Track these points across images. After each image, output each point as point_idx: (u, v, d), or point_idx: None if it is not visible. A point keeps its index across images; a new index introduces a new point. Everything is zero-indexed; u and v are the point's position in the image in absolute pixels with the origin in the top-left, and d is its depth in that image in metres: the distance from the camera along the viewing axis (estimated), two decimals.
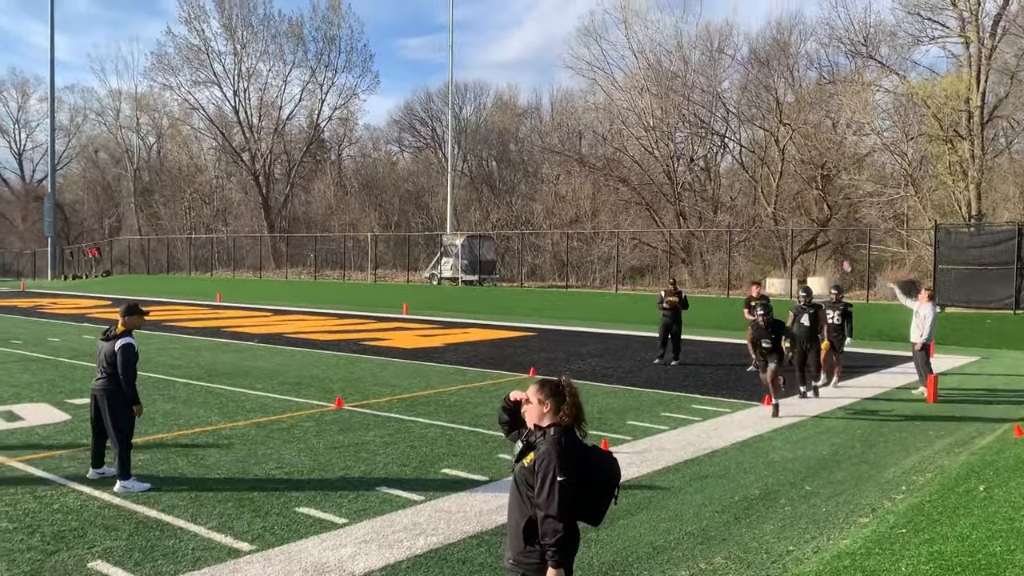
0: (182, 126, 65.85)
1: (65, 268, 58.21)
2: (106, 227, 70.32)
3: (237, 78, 58.93)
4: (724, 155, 47.79)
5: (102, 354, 7.36)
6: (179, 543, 5.88)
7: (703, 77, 43.91)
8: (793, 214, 39.77)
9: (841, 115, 37.53)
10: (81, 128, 75.29)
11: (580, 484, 3.36)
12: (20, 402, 11.29)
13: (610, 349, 18.99)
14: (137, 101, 67.59)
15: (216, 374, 14.18)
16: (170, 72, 58.48)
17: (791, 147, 39.04)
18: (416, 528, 6.26)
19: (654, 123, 43.75)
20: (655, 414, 10.87)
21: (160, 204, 65.42)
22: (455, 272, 37.46)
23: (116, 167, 71.86)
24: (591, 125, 50.24)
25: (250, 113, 60.39)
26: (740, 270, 35.49)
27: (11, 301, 35.42)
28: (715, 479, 7.79)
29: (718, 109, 43.74)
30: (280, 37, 59.18)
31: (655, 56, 45.20)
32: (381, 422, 10.21)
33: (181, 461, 8.20)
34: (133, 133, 69.66)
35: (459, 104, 62.88)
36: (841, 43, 37.46)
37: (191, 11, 56.58)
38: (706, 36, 44.96)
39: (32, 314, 27.87)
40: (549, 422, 3.48)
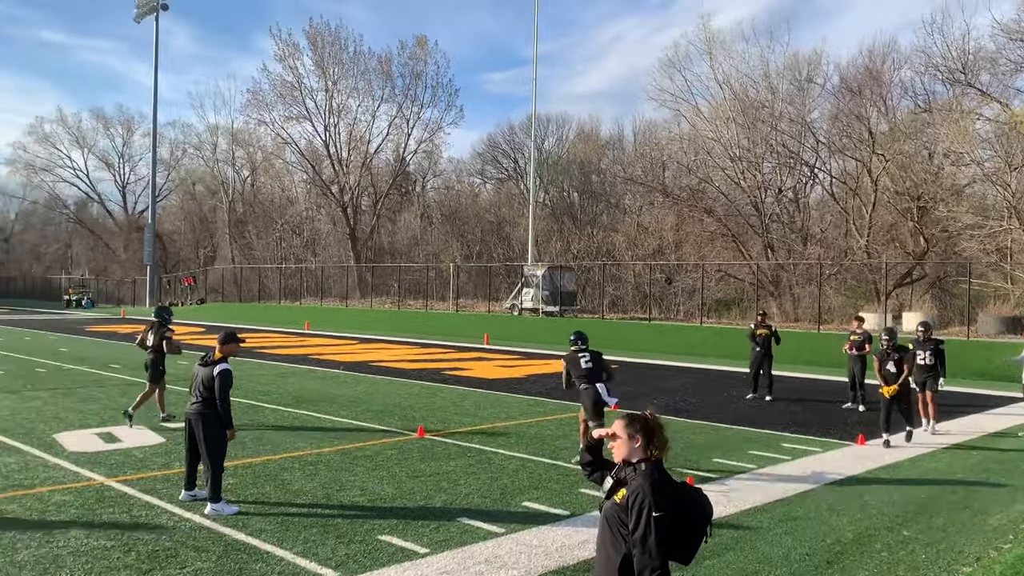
0: (275, 160, 68.30)
1: (162, 296, 60.82)
2: (201, 257, 73.27)
3: (328, 113, 60.89)
4: (814, 186, 46.59)
5: (199, 379, 7.61)
6: (266, 567, 5.98)
7: (791, 107, 43.07)
8: (887, 247, 38.38)
9: (938, 145, 36.14)
10: (180, 162, 79.09)
11: (673, 521, 3.27)
12: (119, 425, 11.77)
13: (694, 383, 18.61)
14: (233, 136, 70.56)
15: (303, 401, 14.50)
16: (264, 108, 60.87)
17: (885, 178, 37.78)
18: (497, 561, 6.20)
19: (740, 153, 43.07)
20: (742, 452, 10.56)
21: (253, 235, 67.82)
22: (536, 303, 37.47)
23: (212, 199, 74.97)
24: (675, 156, 49.80)
25: (339, 147, 62.24)
26: (831, 304, 34.38)
27: (112, 327, 37.16)
28: (805, 521, 7.49)
29: (807, 139, 42.76)
30: (369, 73, 60.95)
31: (741, 86, 44.63)
32: (462, 452, 10.23)
33: (268, 486, 8.37)
34: (229, 166, 72.68)
35: (541, 136, 63.41)
36: (938, 71, 36.20)
37: (286, 49, 58.89)
38: (794, 65, 44.16)
39: (131, 340, 29.12)
40: (639, 457, 3.41)
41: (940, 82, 37.07)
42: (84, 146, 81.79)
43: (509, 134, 66.91)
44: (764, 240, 42.34)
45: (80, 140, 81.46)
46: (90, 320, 43.74)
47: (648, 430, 3.44)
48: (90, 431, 11.24)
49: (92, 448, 10.10)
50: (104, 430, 11.28)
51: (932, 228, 36.45)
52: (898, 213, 38.23)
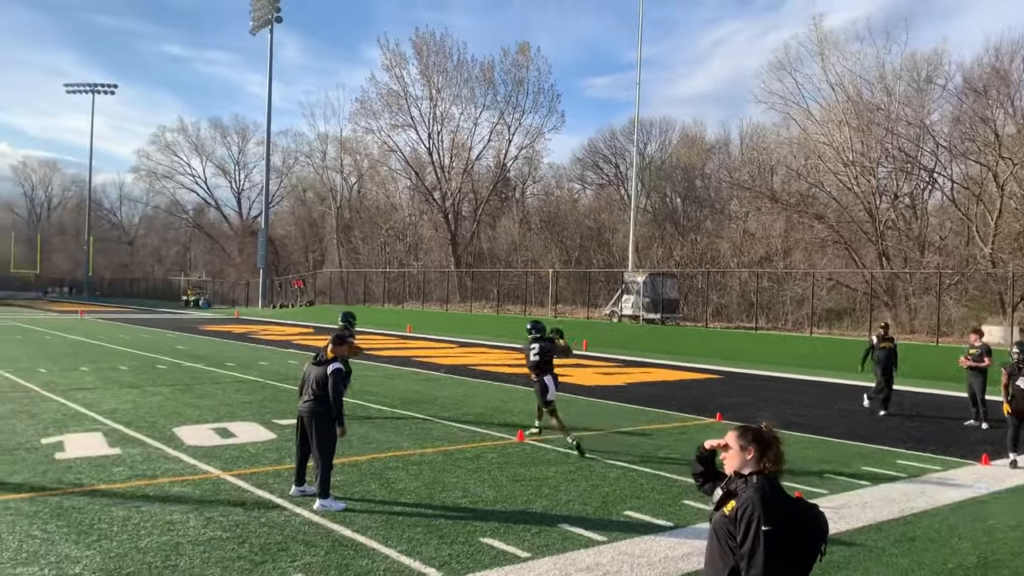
0: (381, 167, 70.13)
1: (274, 297, 63.29)
2: (310, 260, 75.89)
3: (432, 121, 62.09)
4: (933, 191, 44.29)
5: (311, 377, 7.86)
6: (372, 564, 6.11)
7: (909, 109, 41.11)
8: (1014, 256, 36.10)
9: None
10: (292, 169, 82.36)
11: (785, 536, 3.16)
12: (233, 420, 12.28)
13: (804, 396, 17.97)
14: (341, 144, 72.87)
15: (407, 402, 14.78)
16: (372, 116, 62.58)
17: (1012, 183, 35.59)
18: (599, 569, 6.14)
19: (854, 158, 41.41)
20: (855, 468, 10.11)
21: (359, 239, 69.76)
22: (636, 310, 37.05)
23: (321, 205, 77.60)
24: (784, 160, 48.33)
25: (442, 154, 63.36)
26: (951, 315, 32.59)
27: (227, 327, 38.91)
28: (924, 542, 7.10)
29: (926, 143, 40.70)
30: (472, 81, 61.84)
31: (855, 88, 42.90)
32: (562, 458, 10.19)
33: (374, 484, 8.55)
34: (337, 173, 75.09)
35: (644, 140, 62.77)
36: None
37: (393, 59, 60.41)
38: (912, 66, 42.13)
39: (244, 339, 30.43)
40: (752, 469, 3.31)
41: None
42: (203, 154, 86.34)
43: (610, 139, 66.58)
44: (879, 248, 40.53)
45: (199, 148, 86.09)
46: (207, 320, 45.96)
47: (762, 442, 3.34)
48: (207, 426, 11.77)
49: (209, 442, 10.58)
50: (220, 425, 11.80)
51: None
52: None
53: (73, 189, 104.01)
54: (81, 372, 18.25)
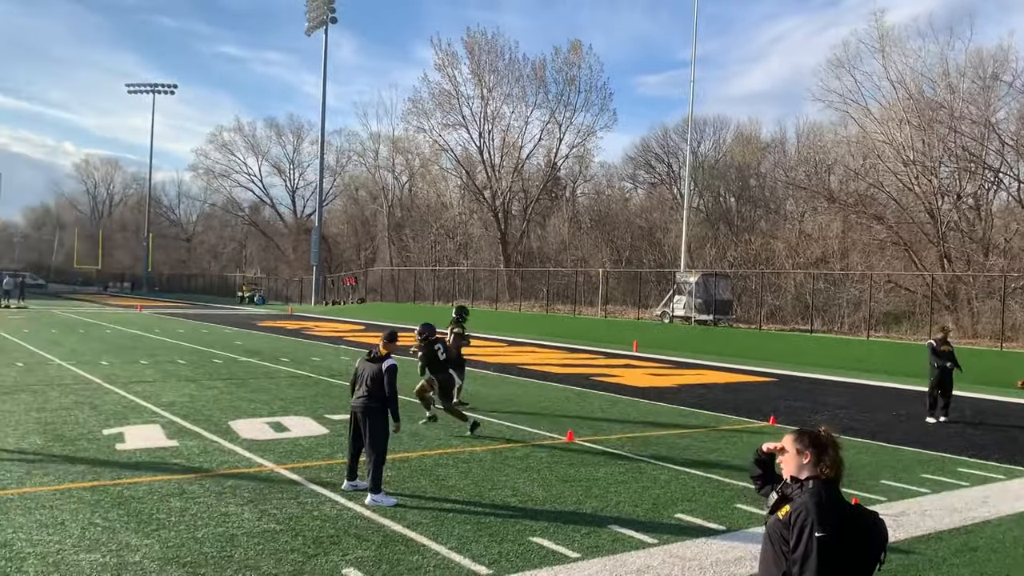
0: (432, 166, 70.62)
1: (326, 294, 64.20)
2: (362, 258, 76.80)
3: (483, 120, 62.28)
4: (998, 192, 42.91)
5: (366, 374, 7.93)
6: (422, 559, 6.14)
7: (973, 107, 39.89)
8: None
9: None
10: (345, 168, 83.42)
11: (841, 543, 3.09)
12: (287, 415, 12.48)
13: (860, 400, 17.57)
14: (393, 143, 73.58)
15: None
16: (423, 116, 63.02)
17: None
18: (649, 571, 6.08)
19: (914, 157, 40.33)
20: (914, 475, 9.85)
21: (410, 238, 70.36)
22: (688, 311, 36.64)
23: (373, 203, 78.47)
24: (842, 159, 47.29)
25: (493, 153, 63.50)
26: (1016, 320, 31.55)
27: (281, 323, 39.59)
28: (987, 552, 6.88)
29: (991, 141, 39.42)
30: (523, 80, 61.83)
31: (916, 86, 41.79)
32: (612, 459, 10.12)
33: (424, 480, 8.61)
34: (389, 172, 75.84)
35: (697, 139, 62.07)
36: None
37: (445, 58, 60.74)
38: (977, 62, 40.85)
39: (298, 335, 30.92)
40: (808, 474, 3.24)
41: None
42: (258, 153, 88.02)
43: (663, 137, 65.97)
44: (940, 250, 39.41)
45: (255, 147, 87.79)
46: (261, 316, 46.84)
47: (819, 446, 3.27)
48: (261, 420, 11.98)
49: (263, 436, 10.76)
50: (274, 419, 12.00)
51: None
52: None
53: (134, 187, 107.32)
54: (141, 365, 18.74)
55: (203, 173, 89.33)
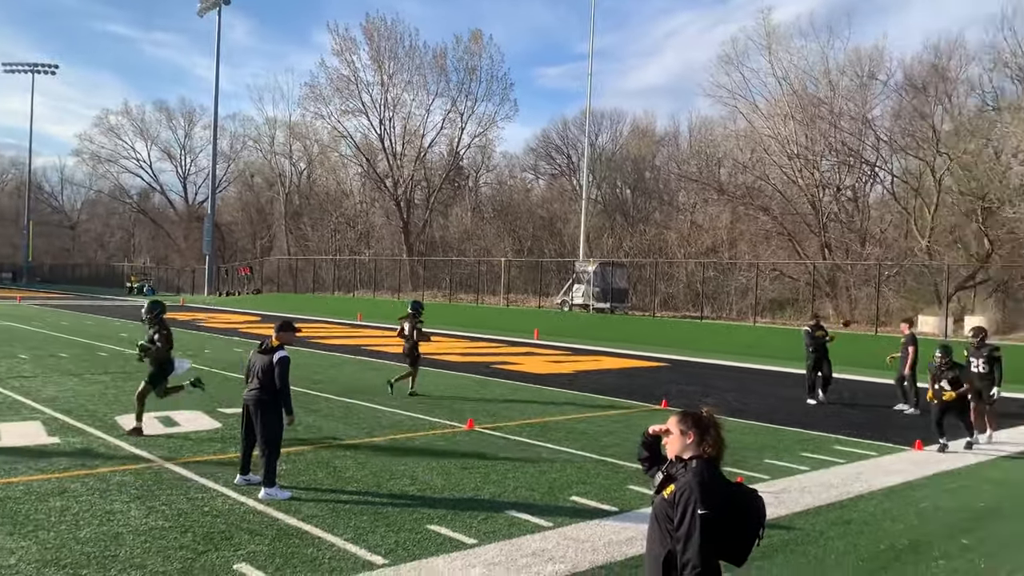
0: (331, 153, 69.30)
1: (220, 285, 62.20)
2: (258, 247, 74.76)
3: (383, 107, 61.52)
4: (874, 185, 45.48)
5: (257, 366, 7.76)
6: (317, 552, 6.09)
7: (852, 104, 42.09)
8: (950, 249, 37.29)
9: (1006, 144, 34.98)
10: (239, 154, 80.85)
11: (723, 520, 3.23)
12: (177, 409, 12.08)
13: (747, 383, 18.36)
14: (291, 129, 71.77)
15: (355, 390, 14.70)
16: (321, 102, 61.75)
17: (948, 177, 36.72)
18: (544, 554, 6.22)
19: (798, 151, 42.26)
20: (794, 454, 10.39)
21: (308, 227, 68.91)
22: (587, 299, 37.35)
23: (269, 191, 76.42)
24: (731, 153, 49.10)
25: (394, 141, 62.85)
26: (890, 306, 33.55)
27: (171, 314, 38.09)
28: (859, 525, 7.34)
29: (868, 137, 41.73)
30: (424, 68, 61.40)
31: (800, 83, 43.76)
32: (511, 446, 10.26)
33: (320, 473, 8.51)
34: (286, 159, 73.98)
35: (595, 132, 63.10)
36: (1007, 67, 35.06)
37: (343, 44, 59.66)
38: (855, 61, 43.11)
39: (190, 327, 29.89)
40: (691, 454, 3.38)
41: (1009, 79, 35.92)
42: (147, 138, 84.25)
43: (562, 129, 66.81)
44: (821, 239, 41.52)
45: (144, 132, 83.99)
46: None
47: (701, 427, 3.41)
48: (150, 414, 11.54)
49: (152, 431, 10.39)
50: (163, 414, 11.59)
51: (997, 230, 35.28)
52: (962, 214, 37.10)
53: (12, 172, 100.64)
54: (19, 360, 17.74)
55: (88, 158, 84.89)
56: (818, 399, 15.28)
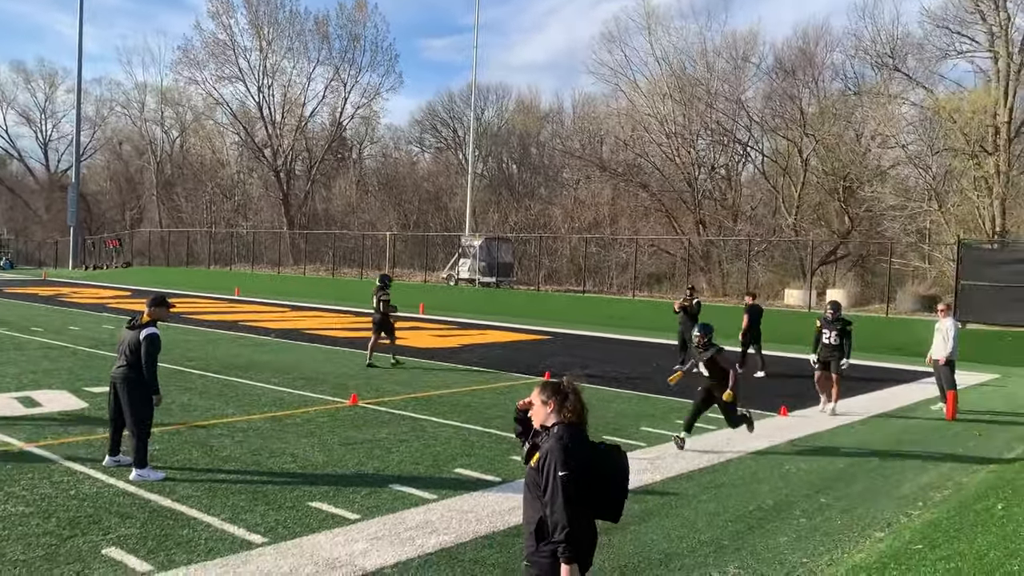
0: (206, 120, 66.33)
1: (86, 258, 58.76)
2: (128, 219, 70.94)
3: (262, 74, 59.31)
4: (746, 164, 47.56)
5: (125, 343, 7.41)
6: (193, 533, 5.91)
7: (727, 85, 43.74)
8: (814, 225, 39.51)
9: (865, 127, 37.26)
10: (106, 120, 76.07)
11: (587, 480, 3.37)
12: (39, 388, 11.40)
13: (626, 355, 18.93)
14: (162, 95, 68.20)
15: (232, 367, 14.26)
16: (196, 67, 58.93)
17: (813, 158, 38.81)
18: (428, 526, 6.25)
19: (676, 130, 43.62)
20: (669, 421, 10.82)
21: (182, 197, 65.91)
22: (472, 273, 37.48)
23: (139, 159, 72.50)
24: (612, 130, 50.14)
25: (273, 110, 60.78)
26: (759, 280, 35.28)
27: (33, 289, 35.80)
28: (729, 488, 7.74)
29: (741, 118, 43.53)
30: (305, 34, 59.52)
31: (679, 63, 45.09)
32: (395, 420, 10.23)
33: (196, 452, 8.24)
34: (157, 126, 70.30)
35: (481, 106, 62.99)
36: (867, 55, 37.24)
37: (219, 6, 57.04)
38: (731, 44, 44.80)
39: (53, 302, 28.13)
40: (554, 420, 3.52)
41: (869, 66, 38.17)
42: (3, 100, 77.94)
43: (448, 103, 66.33)
44: (696, 216, 43.11)
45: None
46: (9, 281, 42.05)
47: (560, 394, 3.54)
48: (8, 395, 10.86)
49: (10, 412, 9.77)
50: (23, 394, 10.92)
51: (857, 208, 37.65)
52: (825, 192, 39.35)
53: None
54: None
55: None
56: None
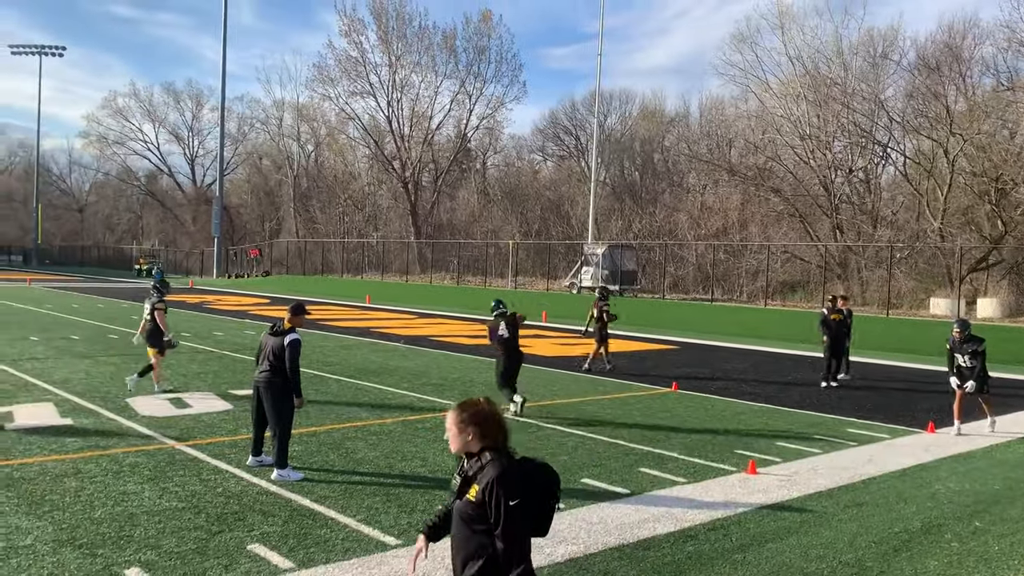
0: (339, 135, 69.08)
1: (229, 267, 62.32)
2: (267, 230, 74.78)
3: (391, 89, 61.21)
4: (886, 166, 45.13)
5: (269, 348, 7.76)
6: (330, 532, 6.11)
7: (865, 84, 41.69)
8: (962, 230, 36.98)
9: (1020, 124, 34.63)
10: (247, 136, 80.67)
11: (528, 502, 3.22)
12: (188, 391, 12.12)
13: (758, 366, 18.30)
14: (298, 111, 71.53)
15: (365, 372, 14.72)
16: (329, 83, 61.44)
17: (961, 159, 36.36)
18: (557, 536, 6.21)
19: (810, 132, 41.94)
20: (806, 436, 10.35)
21: (316, 209, 68.87)
22: (595, 281, 37.25)
23: (278, 173, 76.32)
24: (742, 133, 48.75)
25: (402, 123, 62.61)
26: (901, 288, 33.37)
27: (181, 296, 38.27)
28: (872, 507, 7.31)
29: (881, 118, 41.34)
30: (433, 49, 61.00)
31: (813, 62, 43.36)
32: (521, 428, 10.26)
33: (332, 454, 8.53)
34: (294, 141, 73.80)
35: (604, 113, 62.69)
36: (1022, 47, 34.64)
37: (350, 24, 59.31)
38: (869, 41, 42.70)
39: (199, 309, 29.98)
40: (480, 446, 3.30)
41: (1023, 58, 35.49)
42: (155, 120, 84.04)
43: (571, 111, 66.37)
44: (833, 221, 41.26)
45: (151, 114, 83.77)
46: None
47: (480, 417, 3.32)
48: (160, 397, 11.60)
49: (163, 413, 10.43)
50: (175, 396, 11.64)
51: (1011, 211, 34.96)
52: (975, 195, 36.77)
53: (20, 154, 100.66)
54: (31, 342, 17.82)
55: (96, 140, 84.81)
56: (828, 383, 15.17)
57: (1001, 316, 27.57)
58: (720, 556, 5.93)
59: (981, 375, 10.93)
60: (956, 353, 11.12)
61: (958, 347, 11.08)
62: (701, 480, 8.02)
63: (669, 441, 9.75)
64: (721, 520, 6.75)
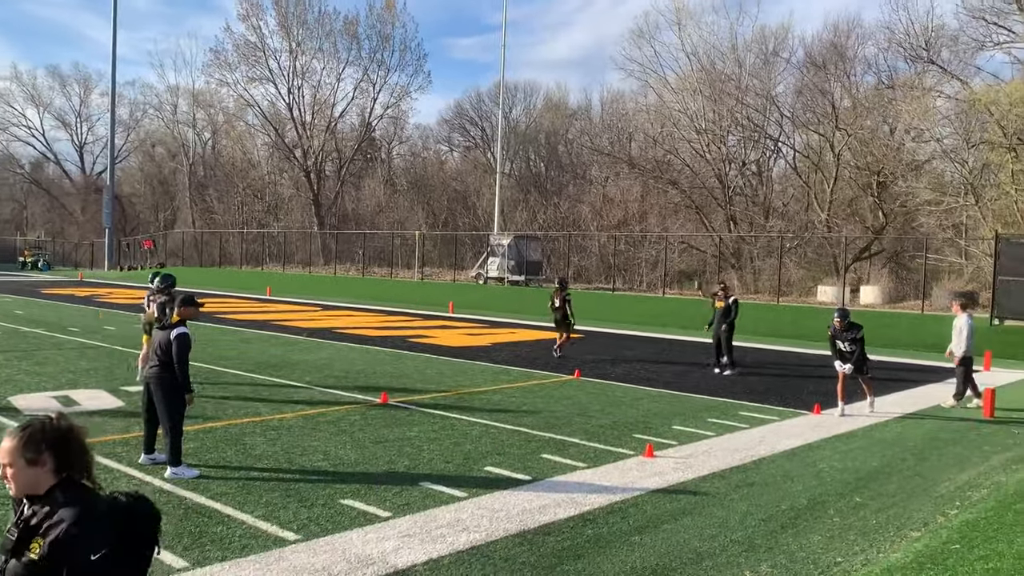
0: (237, 122, 67.11)
1: (121, 259, 59.73)
2: (161, 220, 71.99)
3: (292, 75, 59.88)
4: (777, 160, 47.12)
5: (157, 342, 7.51)
6: (227, 530, 5.98)
7: (757, 80, 43.32)
8: (847, 221, 38.98)
9: (899, 121, 36.69)
10: (140, 123, 77.30)
11: (120, 546, 2.37)
12: (76, 388, 11.60)
13: (656, 353, 18.83)
14: (194, 97, 69.09)
15: (265, 366, 14.41)
16: (227, 69, 59.68)
17: (846, 153, 38.29)
18: (459, 524, 6.26)
19: (706, 126, 43.31)
20: (701, 420, 10.74)
21: (214, 199, 66.73)
22: (501, 272, 37.52)
23: (172, 161, 73.55)
24: (641, 127, 49.91)
25: (303, 110, 61.32)
26: (791, 276, 34.90)
27: (69, 290, 36.47)
28: (761, 487, 7.66)
29: (772, 113, 43.10)
30: (335, 35, 59.97)
31: (709, 58, 44.78)
32: (425, 418, 10.27)
33: (230, 450, 8.33)
34: (189, 128, 71.29)
35: (509, 104, 62.99)
36: (901, 47, 36.73)
37: (249, 8, 57.67)
38: (761, 39, 44.41)
39: (89, 303, 28.63)
40: (52, 483, 2.41)
41: (903, 59, 37.64)
42: (40, 104, 79.46)
43: (476, 102, 66.51)
44: (727, 212, 42.77)
45: (36, 98, 79.12)
46: (46, 282, 42.89)
47: (56, 443, 2.44)
48: (47, 394, 11.07)
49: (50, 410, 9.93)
50: (61, 393, 11.12)
51: (891, 203, 37.07)
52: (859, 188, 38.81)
53: None
54: None
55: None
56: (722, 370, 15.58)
57: (882, 303, 29.19)
58: (618, 538, 6.10)
59: (860, 359, 11.69)
60: (837, 340, 11.85)
61: (839, 335, 11.81)
62: (601, 465, 8.21)
63: (570, 427, 9.94)
64: (619, 503, 6.94)
